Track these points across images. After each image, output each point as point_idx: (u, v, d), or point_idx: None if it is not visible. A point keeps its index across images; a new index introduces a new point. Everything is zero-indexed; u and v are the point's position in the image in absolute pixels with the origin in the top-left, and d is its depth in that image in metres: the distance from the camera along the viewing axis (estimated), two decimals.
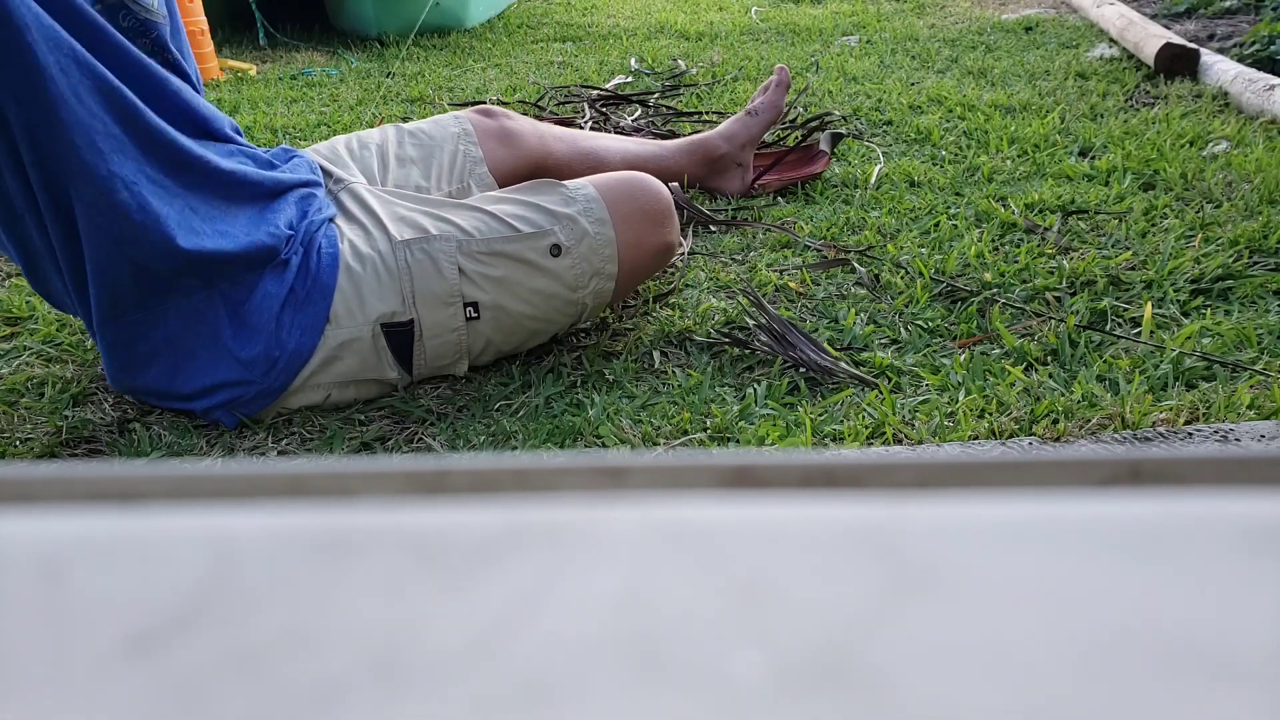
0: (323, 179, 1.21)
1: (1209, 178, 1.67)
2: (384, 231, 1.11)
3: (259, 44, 3.43)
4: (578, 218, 1.14)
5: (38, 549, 0.19)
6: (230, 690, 0.15)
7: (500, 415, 1.08)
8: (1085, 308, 1.24)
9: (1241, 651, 0.16)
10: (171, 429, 1.07)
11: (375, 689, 0.15)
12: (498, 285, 1.11)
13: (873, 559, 0.18)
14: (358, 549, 0.19)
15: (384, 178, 1.30)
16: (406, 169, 1.32)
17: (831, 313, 1.27)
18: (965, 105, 2.28)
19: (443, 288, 1.09)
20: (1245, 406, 1.00)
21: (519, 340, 1.16)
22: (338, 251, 1.09)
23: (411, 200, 1.17)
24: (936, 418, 1.01)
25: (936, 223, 1.55)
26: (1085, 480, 0.20)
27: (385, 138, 1.36)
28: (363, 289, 1.08)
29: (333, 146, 1.32)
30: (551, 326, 1.17)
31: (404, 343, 1.09)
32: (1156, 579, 0.17)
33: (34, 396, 1.14)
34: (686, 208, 1.58)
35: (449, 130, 1.39)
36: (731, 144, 1.72)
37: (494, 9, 3.95)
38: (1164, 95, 2.27)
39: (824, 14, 3.80)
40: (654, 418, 1.04)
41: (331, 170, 1.24)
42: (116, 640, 0.17)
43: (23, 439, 1.06)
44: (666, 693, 0.15)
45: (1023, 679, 0.15)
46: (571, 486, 0.21)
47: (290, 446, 1.04)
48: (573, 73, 2.84)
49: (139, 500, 0.21)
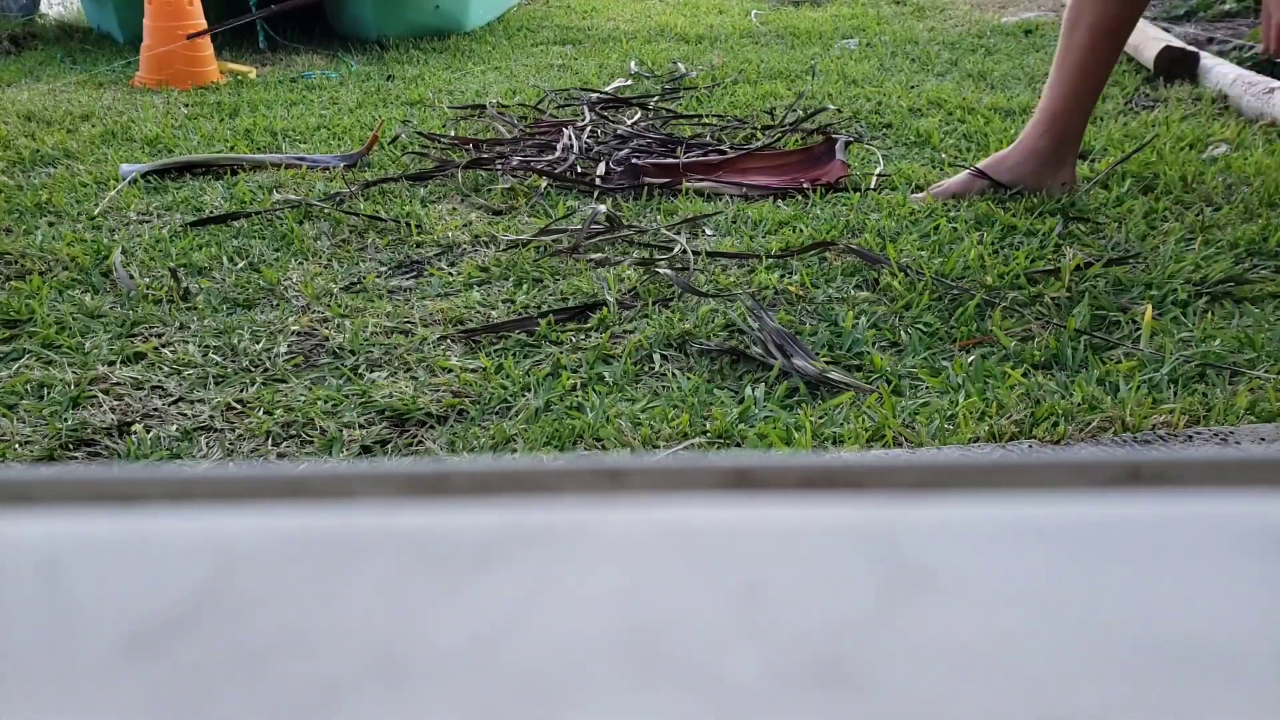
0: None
1: (1209, 181, 1.67)
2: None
3: (259, 47, 3.43)
4: None
5: (38, 550, 0.19)
6: (230, 690, 0.15)
7: (500, 418, 1.08)
8: (1085, 311, 1.24)
9: (1241, 651, 0.16)
10: (172, 430, 1.07)
11: (375, 689, 0.15)
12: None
13: (872, 560, 0.18)
14: (358, 551, 0.19)
15: None
16: None
17: (831, 316, 1.27)
18: (965, 108, 2.28)
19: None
20: (1245, 410, 1.00)
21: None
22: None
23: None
24: (936, 421, 1.01)
25: (936, 225, 1.55)
26: (1085, 482, 0.20)
27: None
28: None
29: None
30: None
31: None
32: (1156, 579, 0.17)
33: (33, 399, 1.14)
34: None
35: None
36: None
37: (494, 12, 3.96)
38: (1164, 98, 2.27)
39: (824, 17, 3.80)
40: (654, 420, 1.04)
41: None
42: (116, 640, 0.17)
43: (22, 441, 1.06)
44: (666, 692, 0.15)
45: (1022, 679, 0.15)
46: (571, 488, 0.21)
47: (290, 449, 1.04)
48: (573, 76, 2.84)
49: (139, 502, 0.21)
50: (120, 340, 1.27)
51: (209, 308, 1.36)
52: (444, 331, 1.27)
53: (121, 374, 1.18)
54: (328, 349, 1.24)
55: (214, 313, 1.35)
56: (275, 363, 1.20)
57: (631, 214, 1.69)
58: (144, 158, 2.10)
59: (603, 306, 1.31)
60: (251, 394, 1.13)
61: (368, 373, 1.18)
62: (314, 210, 1.73)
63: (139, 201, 1.80)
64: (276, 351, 1.23)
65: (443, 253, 1.55)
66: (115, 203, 1.80)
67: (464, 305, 1.34)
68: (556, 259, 1.49)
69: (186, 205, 1.79)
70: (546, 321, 1.26)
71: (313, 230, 1.65)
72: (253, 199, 1.81)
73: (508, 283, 1.42)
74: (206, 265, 1.50)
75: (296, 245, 1.57)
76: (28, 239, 1.62)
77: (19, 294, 1.41)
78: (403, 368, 1.19)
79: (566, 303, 1.34)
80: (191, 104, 2.63)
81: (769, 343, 1.17)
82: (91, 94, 2.78)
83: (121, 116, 2.46)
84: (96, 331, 1.29)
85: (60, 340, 1.28)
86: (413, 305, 1.36)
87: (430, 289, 1.41)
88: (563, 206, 1.71)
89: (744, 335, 1.22)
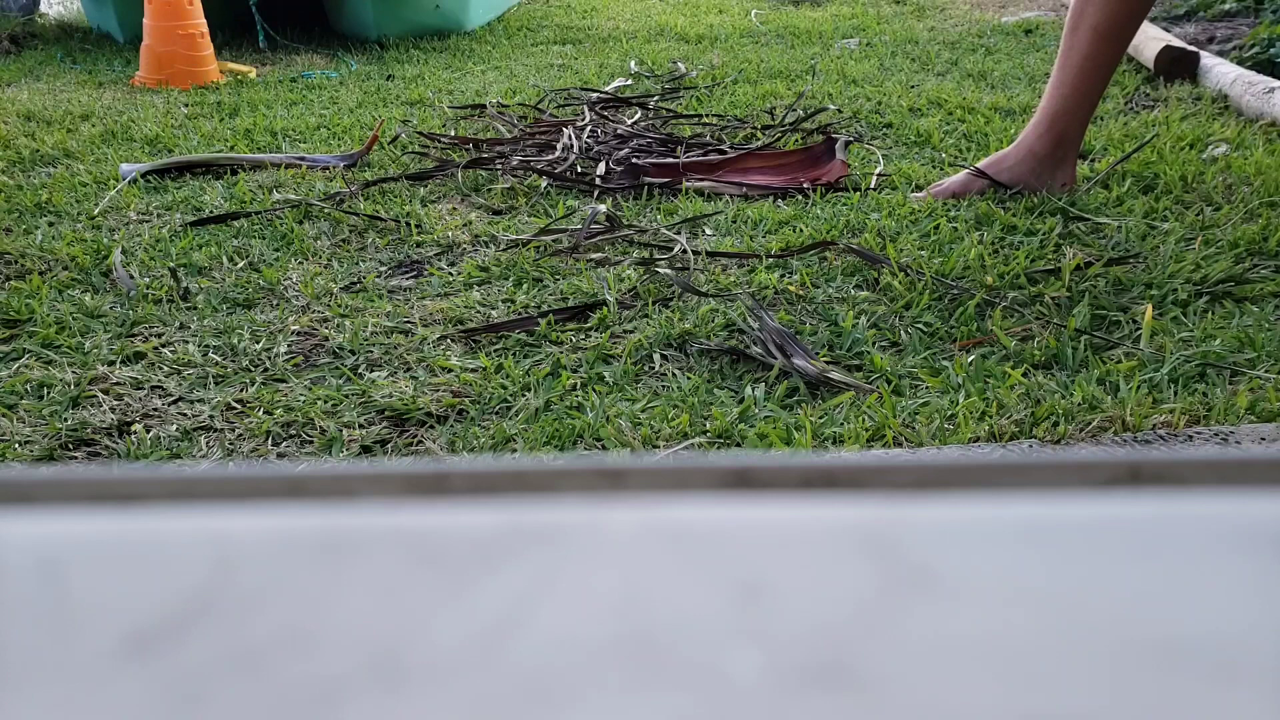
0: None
1: (1209, 180, 1.67)
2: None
3: (259, 47, 3.43)
4: None
5: (38, 550, 0.19)
6: (230, 690, 0.15)
7: (500, 418, 1.08)
8: (1085, 311, 1.24)
9: (1241, 651, 0.16)
10: (172, 430, 1.07)
11: (375, 689, 0.15)
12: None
13: (872, 560, 0.18)
14: (358, 551, 0.19)
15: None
16: None
17: (831, 315, 1.27)
18: (965, 108, 2.28)
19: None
20: (1245, 410, 1.00)
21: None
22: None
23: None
24: (937, 420, 1.01)
25: (937, 225, 1.55)
26: (1085, 482, 0.20)
27: None
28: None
29: None
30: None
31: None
32: (1156, 579, 0.17)
33: (33, 399, 1.14)
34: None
35: None
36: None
37: (494, 12, 3.96)
38: (1164, 98, 2.27)
39: (824, 17, 3.80)
40: (654, 420, 1.04)
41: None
42: (116, 640, 0.17)
43: (22, 441, 1.06)
44: (666, 692, 0.15)
45: (1022, 678, 0.15)
46: (571, 488, 0.21)
47: (290, 449, 1.04)
48: (573, 75, 2.84)
49: (139, 502, 0.21)
50: (120, 340, 1.27)
51: (209, 307, 1.36)
52: (444, 331, 1.27)
53: (121, 374, 1.18)
54: (328, 349, 1.24)
55: (214, 312, 1.35)
56: (275, 362, 1.20)
57: (631, 214, 1.69)
58: (144, 157, 2.10)
59: (603, 306, 1.31)
60: (251, 394, 1.13)
61: (368, 372, 1.18)
62: (314, 210, 1.73)
63: (139, 201, 1.80)
64: (276, 351, 1.23)
65: (443, 252, 1.55)
66: (115, 202, 1.80)
67: (464, 305, 1.34)
68: (556, 259, 1.49)
69: (186, 205, 1.79)
70: (546, 321, 1.26)
71: (313, 230, 1.65)
72: (253, 199, 1.81)
73: (508, 282, 1.42)
74: (206, 265, 1.50)
75: (296, 245, 1.57)
76: (28, 239, 1.62)
77: (19, 294, 1.41)
78: (403, 367, 1.19)
79: (566, 302, 1.34)
80: (191, 104, 2.63)
81: (769, 342, 1.17)
82: (91, 94, 2.79)
83: (121, 116, 2.46)
84: (96, 331, 1.29)
85: (60, 340, 1.28)
86: (413, 305, 1.36)
87: (430, 289, 1.41)
88: (563, 206, 1.71)
89: (744, 335, 1.22)
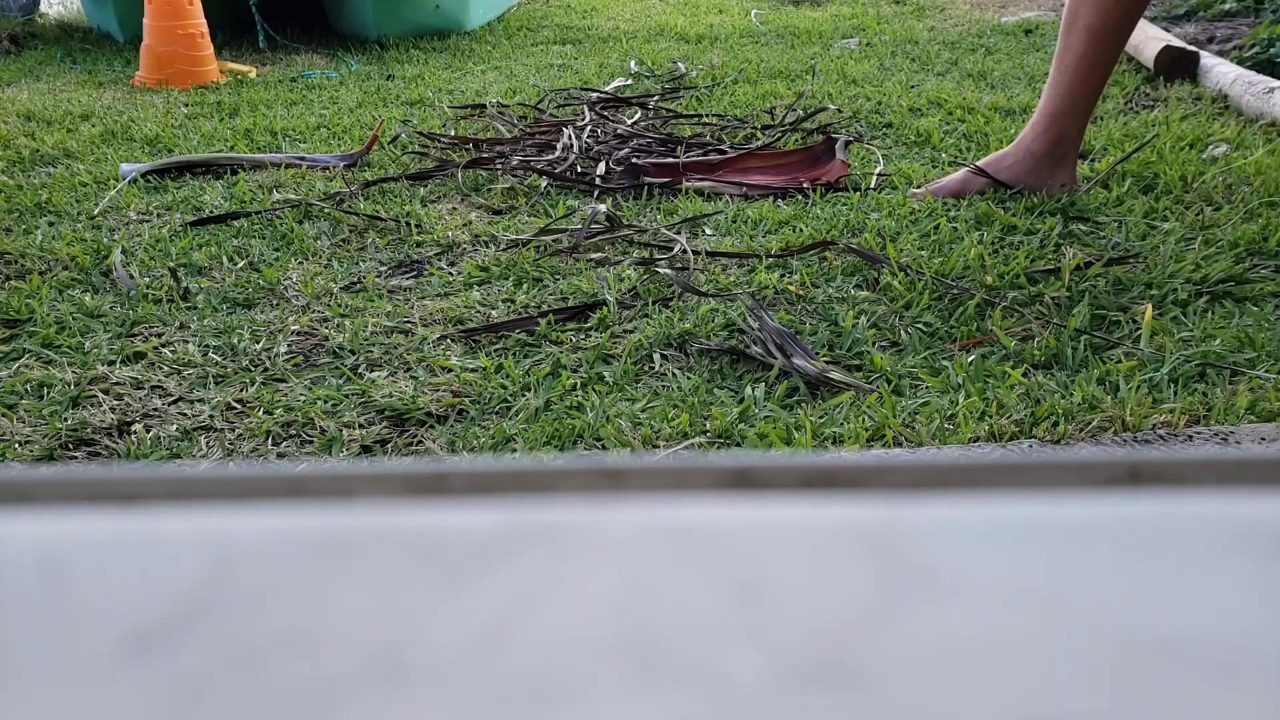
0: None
1: (1209, 180, 1.67)
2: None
3: (259, 47, 3.43)
4: None
5: (38, 550, 0.19)
6: (230, 690, 0.15)
7: (500, 417, 1.08)
8: (1085, 311, 1.24)
9: (1241, 651, 0.16)
10: (172, 430, 1.07)
11: (375, 689, 0.15)
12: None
13: (872, 560, 0.18)
14: (358, 551, 0.19)
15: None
16: None
17: (831, 315, 1.27)
18: (965, 108, 2.28)
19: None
20: (1245, 410, 1.00)
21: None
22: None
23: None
24: (936, 420, 1.01)
25: (936, 225, 1.55)
26: (1085, 482, 0.20)
27: None
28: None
29: None
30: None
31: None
32: (1156, 579, 0.17)
33: (33, 399, 1.14)
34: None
35: None
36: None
37: (494, 12, 3.96)
38: (1164, 98, 2.27)
39: (824, 17, 3.80)
40: (654, 420, 1.04)
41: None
42: (116, 640, 0.17)
43: (22, 441, 1.06)
44: (666, 692, 0.15)
45: (1022, 678, 0.15)
46: (571, 488, 0.21)
47: (290, 449, 1.04)
48: (573, 75, 2.84)
49: (139, 502, 0.21)
50: (120, 340, 1.27)
51: (209, 307, 1.36)
52: (444, 331, 1.27)
53: (121, 374, 1.18)
54: (328, 349, 1.24)
55: (214, 312, 1.35)
56: (275, 362, 1.20)
57: (631, 214, 1.69)
58: (144, 157, 2.10)
59: (603, 306, 1.31)
60: (251, 394, 1.13)
61: (368, 372, 1.18)
62: (314, 210, 1.73)
63: (139, 201, 1.80)
64: (276, 351, 1.23)
65: (443, 252, 1.55)
66: (115, 202, 1.80)
67: (464, 305, 1.34)
68: (556, 259, 1.49)
69: (186, 205, 1.79)
70: (546, 321, 1.26)
71: (313, 230, 1.64)
72: (253, 199, 1.81)
73: (508, 282, 1.42)
74: (206, 265, 1.50)
75: (296, 245, 1.57)
76: (28, 239, 1.62)
77: (19, 294, 1.41)
78: (403, 367, 1.19)
79: (566, 302, 1.34)
80: (191, 104, 2.63)
81: (769, 342, 1.17)
82: (91, 94, 2.79)
83: (121, 116, 2.46)
84: (96, 331, 1.29)
85: (60, 340, 1.28)
86: (413, 305, 1.36)
87: (430, 289, 1.41)
88: (563, 206, 1.71)
89: (744, 335, 1.22)
